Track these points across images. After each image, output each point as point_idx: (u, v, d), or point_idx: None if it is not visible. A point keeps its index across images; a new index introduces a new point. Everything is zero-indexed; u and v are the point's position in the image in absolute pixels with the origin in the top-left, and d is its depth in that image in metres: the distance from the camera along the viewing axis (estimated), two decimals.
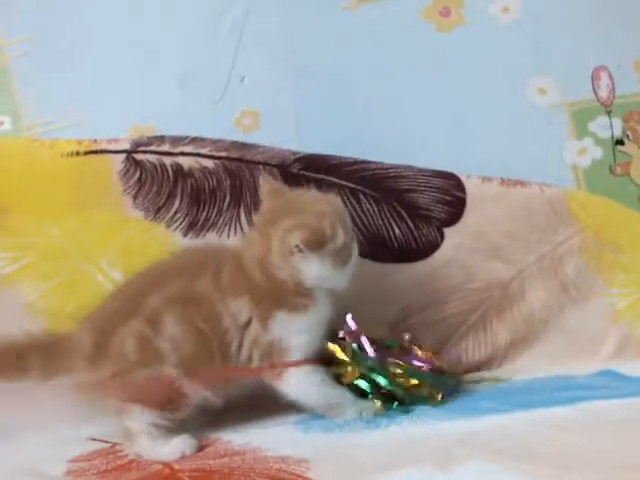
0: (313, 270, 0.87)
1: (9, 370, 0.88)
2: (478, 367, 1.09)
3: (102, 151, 1.04)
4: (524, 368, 1.06)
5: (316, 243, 0.86)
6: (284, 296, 0.88)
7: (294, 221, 0.87)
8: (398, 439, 0.79)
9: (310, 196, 0.93)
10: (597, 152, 1.17)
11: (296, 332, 0.88)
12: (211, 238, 1.05)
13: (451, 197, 1.10)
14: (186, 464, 0.77)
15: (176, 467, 0.77)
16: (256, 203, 1.06)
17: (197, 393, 0.85)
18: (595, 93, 1.17)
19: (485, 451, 0.69)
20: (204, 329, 0.86)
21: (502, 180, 1.12)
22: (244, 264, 0.89)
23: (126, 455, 0.84)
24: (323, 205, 0.89)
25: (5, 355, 0.87)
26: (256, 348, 0.87)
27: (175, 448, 0.82)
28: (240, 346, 0.87)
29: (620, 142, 1.17)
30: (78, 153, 1.04)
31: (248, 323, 0.87)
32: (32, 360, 0.87)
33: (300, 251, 0.86)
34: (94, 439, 0.89)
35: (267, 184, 0.94)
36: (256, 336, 0.87)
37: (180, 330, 0.86)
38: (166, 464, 0.78)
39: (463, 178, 1.11)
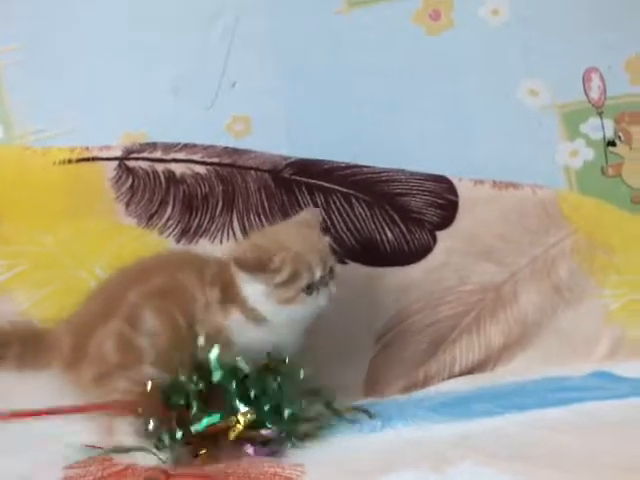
0: (251, 292, 0.88)
1: None
2: (471, 370, 1.09)
3: (94, 158, 1.05)
4: (518, 370, 1.06)
5: (246, 264, 0.86)
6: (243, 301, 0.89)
7: (257, 242, 0.90)
8: (393, 442, 0.79)
9: (298, 230, 0.92)
10: (589, 153, 1.17)
11: (247, 338, 0.88)
12: (204, 244, 1.05)
13: (443, 200, 1.11)
14: (181, 469, 0.77)
15: (171, 472, 0.77)
16: (248, 209, 1.07)
17: None
18: (586, 94, 1.17)
19: (479, 453, 0.69)
20: (179, 319, 0.88)
21: (494, 183, 1.12)
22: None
23: (121, 462, 0.84)
24: (296, 243, 0.88)
25: None
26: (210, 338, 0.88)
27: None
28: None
29: (612, 143, 1.18)
30: (70, 161, 1.04)
31: (212, 310, 0.89)
32: (11, 348, 0.89)
33: (236, 267, 0.87)
34: (90, 446, 0.88)
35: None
36: (214, 325, 0.88)
37: (158, 322, 0.87)
38: (162, 470, 0.78)
39: (455, 181, 1.11)
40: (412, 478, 0.65)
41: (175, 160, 1.06)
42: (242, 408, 0.83)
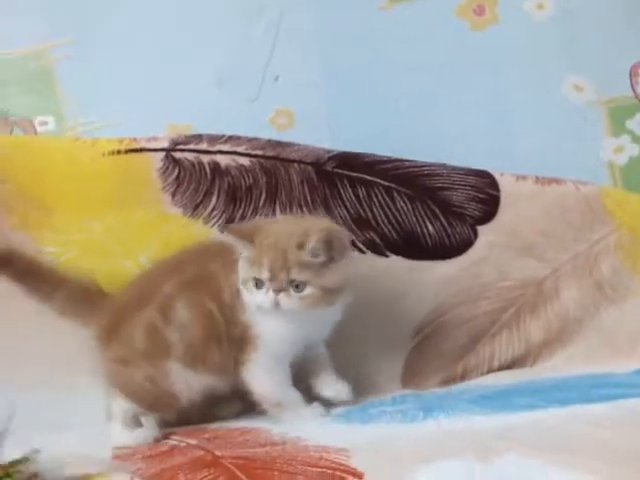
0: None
1: (40, 285, 0.98)
2: (511, 365, 1.09)
3: (142, 149, 1.07)
4: (558, 367, 1.05)
5: (231, 227, 0.94)
6: None
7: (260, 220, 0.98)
8: (435, 432, 0.80)
9: (291, 230, 0.91)
10: (634, 150, 1.16)
11: (266, 323, 0.90)
12: None
13: (485, 195, 1.11)
14: (228, 451, 0.79)
15: (218, 454, 0.79)
16: (291, 201, 1.08)
17: (202, 384, 0.91)
18: (633, 90, 1.16)
19: (524, 445, 0.69)
20: (213, 310, 0.91)
21: (537, 178, 1.11)
22: None
23: (166, 443, 0.87)
24: (276, 236, 0.88)
25: (45, 273, 0.99)
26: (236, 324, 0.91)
27: (132, 438, 0.89)
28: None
29: None
30: (119, 152, 1.06)
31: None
32: (60, 291, 0.97)
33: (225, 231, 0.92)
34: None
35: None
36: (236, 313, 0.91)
37: (189, 314, 0.91)
38: (208, 451, 0.80)
39: (497, 176, 1.11)
40: (457, 467, 0.66)
41: (220, 152, 1.08)
42: None
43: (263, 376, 0.91)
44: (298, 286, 0.87)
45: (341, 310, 0.95)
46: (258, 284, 0.87)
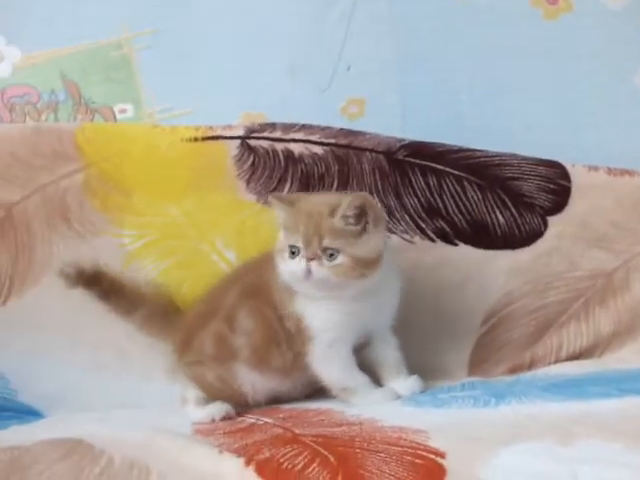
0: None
1: (123, 302, 1.04)
2: (579, 355, 1.09)
3: (218, 137, 1.10)
4: (628, 358, 1.05)
5: (276, 194, 0.97)
6: None
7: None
8: (511, 417, 0.80)
9: (326, 201, 0.93)
10: None
11: (314, 314, 0.91)
12: None
13: (555, 186, 1.10)
14: (306, 430, 0.82)
15: (297, 432, 0.81)
16: (362, 189, 1.10)
17: (265, 386, 0.95)
18: None
19: (603, 430, 0.70)
20: (268, 314, 0.94)
21: (609, 169, 1.11)
22: None
23: (244, 420, 0.90)
24: (313, 206, 0.91)
25: (128, 291, 1.04)
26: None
27: (206, 413, 0.92)
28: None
29: None
30: (196, 139, 1.10)
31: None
32: (141, 308, 1.03)
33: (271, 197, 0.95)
34: None
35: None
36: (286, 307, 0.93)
37: (252, 322, 0.95)
38: (287, 429, 0.83)
39: (568, 167, 1.11)
40: (539, 448, 0.67)
41: (294, 140, 1.10)
42: None
43: (325, 364, 0.93)
44: (332, 255, 0.88)
45: (394, 295, 0.96)
46: (294, 252, 0.89)
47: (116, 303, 1.04)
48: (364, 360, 0.97)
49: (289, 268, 0.89)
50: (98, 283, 1.04)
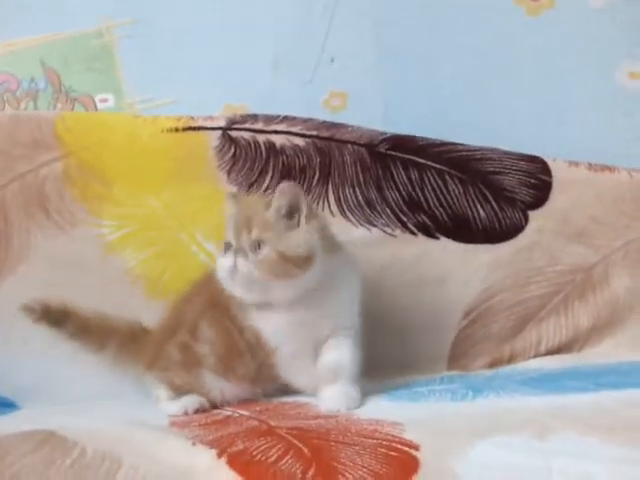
0: None
1: (93, 340, 1.02)
2: (558, 350, 1.09)
3: (199, 128, 1.09)
4: (606, 353, 1.06)
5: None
6: None
7: None
8: (488, 410, 0.80)
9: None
10: None
11: (269, 328, 0.88)
12: None
13: (537, 180, 1.11)
14: (281, 422, 0.81)
15: (272, 424, 0.81)
16: (344, 181, 1.10)
17: (234, 392, 0.93)
18: None
19: (580, 423, 0.70)
20: (228, 325, 0.92)
21: (589, 165, 1.11)
22: None
23: (220, 413, 0.90)
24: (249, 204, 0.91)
25: (96, 327, 1.01)
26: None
27: (179, 406, 0.91)
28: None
29: None
30: (177, 129, 1.09)
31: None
32: (112, 340, 1.01)
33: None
34: None
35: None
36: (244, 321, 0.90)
37: (214, 332, 0.93)
38: (262, 421, 0.83)
39: (549, 162, 1.11)
40: (515, 442, 0.67)
41: (275, 131, 1.10)
42: None
43: (293, 374, 0.91)
44: (258, 247, 0.84)
45: (350, 298, 0.91)
46: (226, 248, 0.86)
47: (84, 342, 1.02)
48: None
49: (219, 264, 0.87)
50: (64, 323, 1.01)
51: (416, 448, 0.68)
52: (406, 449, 0.68)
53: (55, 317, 1.01)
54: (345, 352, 0.89)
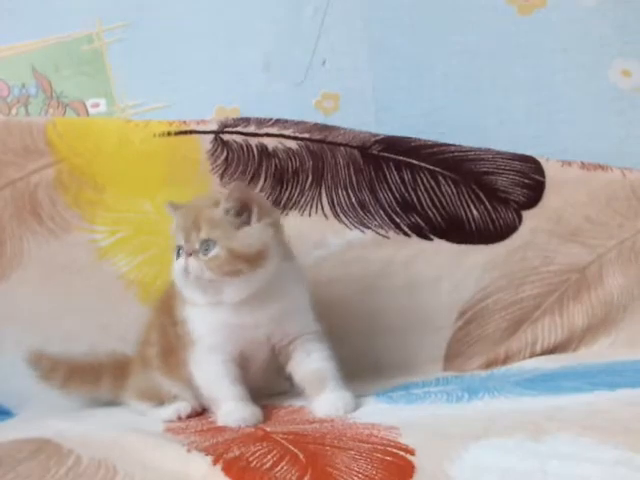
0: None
1: (85, 385, 1.02)
2: (553, 350, 1.09)
3: (191, 132, 1.09)
4: (602, 352, 1.06)
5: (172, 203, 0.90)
6: None
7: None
8: (483, 412, 0.80)
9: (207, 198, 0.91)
10: None
11: (197, 319, 0.88)
12: (294, 217, 1.09)
13: (530, 180, 1.11)
14: (278, 428, 0.81)
15: (268, 429, 0.81)
16: (337, 184, 1.10)
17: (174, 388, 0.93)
18: None
19: (575, 424, 0.69)
20: (165, 323, 0.92)
21: (582, 164, 1.11)
22: None
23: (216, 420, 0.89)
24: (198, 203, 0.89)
25: (85, 372, 1.02)
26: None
27: (171, 411, 0.91)
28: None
29: None
30: (169, 133, 1.09)
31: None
32: (105, 379, 1.02)
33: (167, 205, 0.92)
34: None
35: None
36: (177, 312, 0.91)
37: (156, 333, 0.95)
38: (258, 427, 0.82)
39: (542, 161, 1.11)
40: (510, 444, 0.67)
41: (268, 134, 1.09)
42: None
43: (198, 371, 0.89)
44: (208, 247, 0.83)
45: (296, 304, 0.89)
46: (179, 252, 0.86)
47: (78, 388, 1.02)
48: (293, 375, 0.89)
49: (173, 268, 0.86)
50: (52, 376, 1.02)
51: (411, 452, 0.68)
52: (402, 454, 0.68)
53: (42, 371, 1.02)
54: (319, 357, 0.88)
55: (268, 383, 0.93)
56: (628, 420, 0.71)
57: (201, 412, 0.92)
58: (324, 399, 0.85)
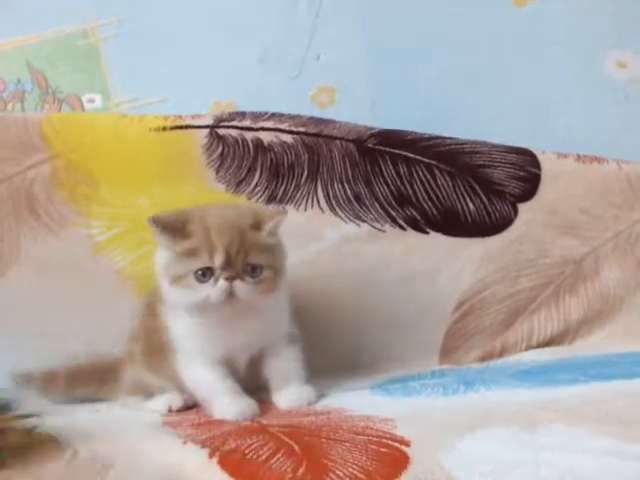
0: (157, 261, 0.87)
1: (89, 385, 1.01)
2: (549, 342, 1.09)
3: (187, 126, 1.09)
4: (597, 344, 1.06)
5: (158, 221, 0.83)
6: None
7: (185, 210, 0.87)
8: (479, 403, 0.81)
9: (227, 213, 0.87)
10: None
11: (175, 323, 0.88)
12: (289, 211, 1.08)
13: (526, 173, 1.11)
14: (274, 421, 0.81)
15: (264, 422, 0.81)
16: (332, 177, 1.10)
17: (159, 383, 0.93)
18: None
19: (568, 415, 0.70)
20: (151, 326, 0.92)
21: (578, 156, 1.11)
22: None
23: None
24: (216, 222, 0.83)
25: (91, 371, 1.01)
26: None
27: (162, 402, 0.91)
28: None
29: None
30: (164, 128, 1.08)
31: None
32: (90, 385, 1.01)
33: (150, 223, 0.84)
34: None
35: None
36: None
37: (143, 334, 0.95)
38: (254, 420, 0.83)
39: (538, 154, 1.11)
40: (504, 434, 0.67)
41: (263, 129, 1.09)
42: None
43: (186, 377, 0.89)
44: (254, 270, 0.82)
45: (277, 315, 0.90)
46: (206, 275, 0.81)
47: (83, 392, 1.01)
48: (262, 372, 0.91)
49: (202, 294, 0.81)
50: (53, 384, 1.00)
51: (407, 444, 0.68)
52: (397, 445, 0.68)
53: (38, 387, 1.00)
54: (287, 358, 0.90)
55: (257, 378, 0.92)
56: (621, 410, 0.71)
57: (192, 405, 0.92)
58: (288, 392, 0.88)
